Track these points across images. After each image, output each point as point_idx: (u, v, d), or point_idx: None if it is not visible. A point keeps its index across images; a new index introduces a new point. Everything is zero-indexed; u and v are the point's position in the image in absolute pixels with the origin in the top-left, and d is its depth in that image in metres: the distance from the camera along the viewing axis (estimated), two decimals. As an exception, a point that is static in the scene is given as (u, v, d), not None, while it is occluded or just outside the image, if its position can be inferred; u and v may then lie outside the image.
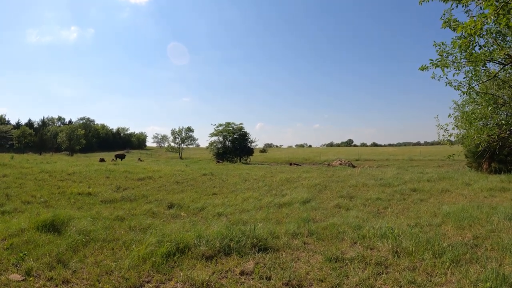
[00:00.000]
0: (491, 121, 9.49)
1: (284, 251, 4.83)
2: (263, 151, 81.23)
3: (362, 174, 18.03)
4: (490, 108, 8.75)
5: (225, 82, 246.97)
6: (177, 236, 5.01)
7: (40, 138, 75.02)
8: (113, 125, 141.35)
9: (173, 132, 61.55)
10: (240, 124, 47.96)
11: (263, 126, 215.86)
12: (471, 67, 6.66)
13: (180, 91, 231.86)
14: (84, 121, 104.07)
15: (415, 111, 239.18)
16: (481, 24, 4.41)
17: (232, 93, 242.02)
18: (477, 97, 9.47)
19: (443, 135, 11.04)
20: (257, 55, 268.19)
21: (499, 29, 6.02)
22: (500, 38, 6.28)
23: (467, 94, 7.70)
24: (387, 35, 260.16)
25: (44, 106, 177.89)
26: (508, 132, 8.44)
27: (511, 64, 6.20)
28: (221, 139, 47.37)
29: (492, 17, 4.35)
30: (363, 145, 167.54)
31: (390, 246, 4.79)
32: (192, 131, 61.79)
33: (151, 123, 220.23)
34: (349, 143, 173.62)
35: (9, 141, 73.35)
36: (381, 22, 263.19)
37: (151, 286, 3.72)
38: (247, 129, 50.12)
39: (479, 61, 5.95)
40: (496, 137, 8.38)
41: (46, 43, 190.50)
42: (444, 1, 5.88)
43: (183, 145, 61.96)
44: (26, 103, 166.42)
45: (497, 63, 6.44)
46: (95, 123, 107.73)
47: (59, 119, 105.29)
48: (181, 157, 56.65)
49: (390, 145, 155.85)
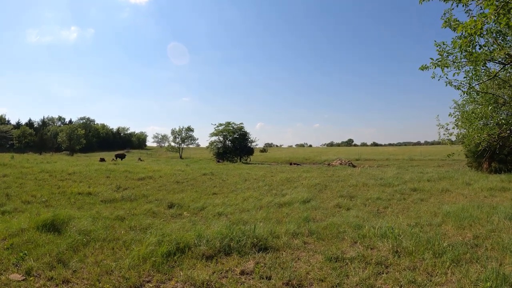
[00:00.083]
0: (491, 120, 9.49)
1: (284, 251, 4.83)
2: (263, 150, 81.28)
3: (362, 173, 18.03)
4: (490, 107, 8.75)
5: (225, 82, 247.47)
6: (177, 235, 5.01)
7: (40, 138, 75.08)
8: (113, 125, 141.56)
9: (173, 132, 61.59)
10: (240, 124, 48.06)
11: (263, 126, 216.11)
12: (472, 67, 6.66)
13: (180, 91, 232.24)
14: (84, 121, 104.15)
15: (415, 111, 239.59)
16: (481, 23, 4.40)
17: (232, 93, 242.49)
18: (478, 97, 9.47)
19: (444, 134, 11.05)
20: (257, 55, 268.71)
21: (499, 28, 6.02)
22: (500, 37, 6.28)
23: (467, 93, 7.71)
24: (387, 35, 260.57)
25: (44, 106, 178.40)
26: (508, 131, 8.44)
27: (511, 63, 6.20)
28: (221, 138, 47.43)
29: (492, 17, 4.36)
30: (363, 144, 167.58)
31: (390, 245, 4.79)
32: (192, 130, 61.82)
33: (151, 123, 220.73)
34: (349, 143, 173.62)
35: (9, 141, 73.37)
36: (381, 22, 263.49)
37: (151, 285, 3.72)
38: (247, 129, 50.35)
39: (479, 60, 5.95)
40: (496, 136, 8.38)
41: (46, 43, 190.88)
42: (444, 1, 5.88)
43: (183, 144, 61.96)
44: (26, 103, 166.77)
45: (497, 63, 6.44)
46: (95, 123, 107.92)
47: (59, 119, 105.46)
48: (181, 157, 56.67)
49: (390, 144, 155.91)
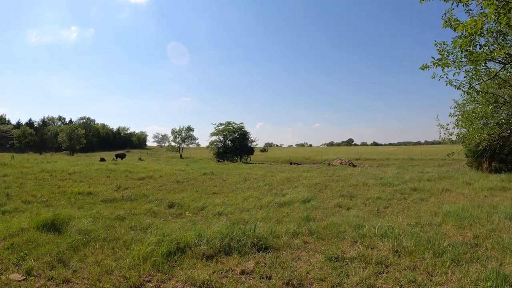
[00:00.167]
0: (491, 120, 9.49)
1: (284, 251, 4.83)
2: (263, 150, 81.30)
3: (362, 173, 18.02)
4: (490, 107, 8.74)
5: (225, 82, 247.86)
6: (177, 235, 5.02)
7: (40, 137, 75.11)
8: (114, 125, 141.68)
9: (173, 131, 61.53)
10: (240, 123, 48.06)
11: (264, 125, 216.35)
12: (472, 67, 6.65)
13: (180, 91, 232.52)
14: (84, 120, 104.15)
15: (415, 111, 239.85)
16: (481, 23, 4.40)
17: (232, 93, 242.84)
18: (478, 96, 9.46)
19: (444, 133, 11.05)
20: (257, 55, 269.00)
21: (499, 28, 6.01)
22: (500, 37, 6.27)
23: (467, 93, 7.70)
24: (387, 35, 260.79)
25: (44, 106, 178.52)
26: (508, 131, 8.44)
27: (511, 63, 6.19)
28: (222, 138, 47.44)
29: (492, 16, 4.35)
30: (364, 144, 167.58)
31: (390, 245, 4.79)
32: (192, 130, 61.74)
33: (152, 122, 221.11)
34: (349, 143, 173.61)
35: (10, 141, 73.36)
36: (381, 22, 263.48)
37: (151, 285, 3.72)
38: (247, 128, 50.33)
39: (479, 60, 5.94)
40: (496, 136, 8.37)
41: (46, 43, 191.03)
42: (445, 1, 5.87)
43: (183, 144, 61.93)
44: (26, 103, 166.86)
45: (497, 63, 6.42)
46: (96, 123, 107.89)
47: (60, 118, 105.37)
48: (181, 157, 56.66)
49: (390, 144, 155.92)
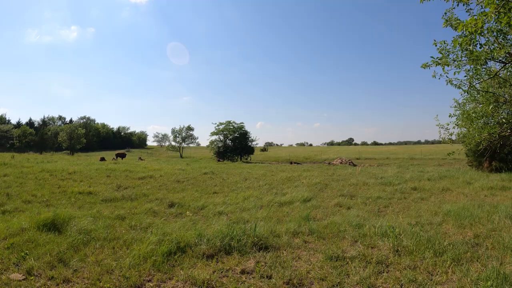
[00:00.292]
0: (492, 119, 9.49)
1: (285, 250, 4.83)
2: (263, 150, 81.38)
3: (362, 172, 18.02)
4: (491, 106, 8.73)
5: (225, 81, 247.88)
6: (178, 235, 5.02)
7: (40, 137, 75.10)
8: (114, 124, 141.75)
9: (173, 131, 61.57)
10: (240, 123, 48.10)
11: (264, 125, 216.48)
12: (472, 66, 6.64)
13: (180, 90, 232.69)
14: (84, 120, 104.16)
15: (415, 110, 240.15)
16: (482, 22, 4.39)
17: (232, 92, 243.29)
18: (478, 96, 9.46)
19: (444, 133, 11.04)
20: (257, 54, 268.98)
21: (500, 27, 6.00)
22: (501, 36, 6.26)
23: (468, 92, 7.69)
24: (388, 34, 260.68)
25: (44, 105, 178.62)
26: (509, 130, 8.43)
27: (511, 62, 6.19)
28: (222, 138, 47.45)
29: (493, 16, 4.35)
30: (364, 143, 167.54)
31: (391, 245, 4.79)
32: (192, 130, 61.77)
33: (152, 122, 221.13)
34: (349, 142, 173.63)
35: (10, 141, 73.38)
36: (382, 21, 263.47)
37: (151, 285, 3.72)
38: (247, 128, 50.21)
39: (480, 59, 5.94)
40: (497, 135, 8.36)
41: (46, 43, 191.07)
42: (445, 0, 5.87)
43: (183, 144, 61.95)
44: (26, 103, 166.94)
45: (497, 62, 6.42)
46: (96, 122, 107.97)
47: (60, 118, 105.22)
48: (181, 156, 56.68)
49: (390, 143, 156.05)
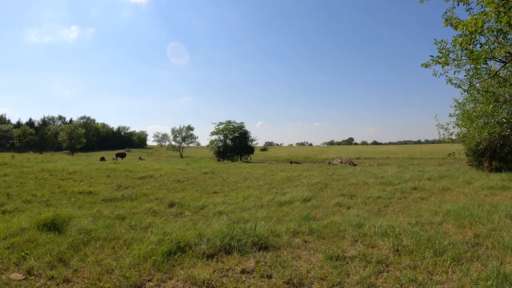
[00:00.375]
0: (492, 119, 9.48)
1: (285, 250, 4.83)
2: (263, 149, 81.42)
3: (362, 172, 18.02)
4: (491, 106, 8.73)
5: (225, 81, 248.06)
6: (178, 234, 5.02)
7: (40, 137, 75.11)
8: (114, 124, 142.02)
9: (173, 130, 61.52)
10: (240, 122, 48.05)
11: (264, 124, 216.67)
12: (472, 65, 6.64)
13: (180, 90, 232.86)
14: (84, 120, 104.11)
15: (415, 110, 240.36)
16: (482, 22, 4.39)
17: (232, 92, 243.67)
18: (478, 95, 9.45)
19: (444, 134, 11.04)
20: (257, 54, 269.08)
21: (500, 27, 6.00)
22: (501, 36, 6.26)
23: (468, 92, 7.69)
24: (388, 34, 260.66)
25: (44, 105, 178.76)
26: (509, 130, 8.43)
27: (511, 62, 6.18)
28: (222, 137, 47.42)
29: (493, 15, 4.34)
30: (364, 143, 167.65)
31: (391, 244, 4.79)
32: (192, 129, 61.71)
33: (152, 122, 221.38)
34: (349, 142, 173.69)
35: (10, 140, 73.37)
36: (382, 21, 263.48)
37: (152, 284, 3.72)
38: (247, 127, 50.27)
39: (480, 59, 5.93)
40: (497, 135, 8.36)
41: (46, 43, 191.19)
42: (445, 0, 5.86)
43: (183, 143, 61.92)
44: (26, 103, 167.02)
45: (498, 61, 6.42)
46: (96, 122, 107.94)
47: (60, 118, 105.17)
48: (181, 156, 56.66)
49: (390, 143, 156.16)
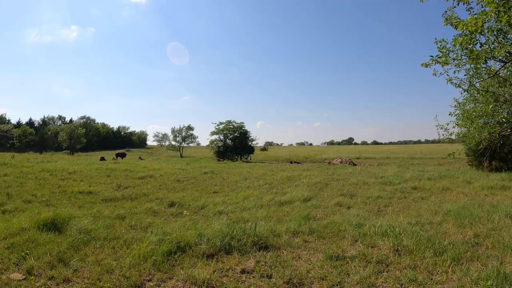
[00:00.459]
0: (492, 119, 9.48)
1: (285, 249, 4.83)
2: (263, 149, 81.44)
3: (362, 172, 18.03)
4: (491, 105, 8.72)
5: (225, 81, 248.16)
6: (178, 234, 5.02)
7: (40, 137, 75.11)
8: (114, 124, 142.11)
9: (173, 130, 61.56)
10: (241, 122, 48.08)
11: (264, 124, 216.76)
12: (472, 65, 6.64)
13: (180, 90, 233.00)
14: (84, 120, 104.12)
15: (415, 110, 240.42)
16: (482, 21, 4.38)
17: (232, 92, 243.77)
18: (478, 95, 9.44)
19: (443, 134, 11.02)
20: (257, 54, 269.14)
21: (500, 26, 6.00)
22: (501, 35, 6.26)
23: (468, 91, 7.68)
24: (388, 33, 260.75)
25: (44, 105, 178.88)
26: (509, 130, 8.42)
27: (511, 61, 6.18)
28: (222, 137, 47.43)
29: (493, 15, 4.34)
30: (364, 143, 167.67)
31: (391, 244, 4.79)
32: (192, 129, 61.74)
33: (152, 122, 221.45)
34: (349, 141, 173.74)
35: (10, 140, 73.36)
36: (381, 20, 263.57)
37: (152, 284, 3.72)
38: (247, 127, 50.32)
39: (480, 58, 5.93)
40: (497, 135, 8.36)
41: (46, 43, 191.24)
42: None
43: (183, 143, 61.94)
44: (26, 103, 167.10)
45: (498, 61, 6.41)
46: (96, 122, 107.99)
47: (60, 118, 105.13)
48: (181, 156, 56.67)
49: (390, 143, 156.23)
